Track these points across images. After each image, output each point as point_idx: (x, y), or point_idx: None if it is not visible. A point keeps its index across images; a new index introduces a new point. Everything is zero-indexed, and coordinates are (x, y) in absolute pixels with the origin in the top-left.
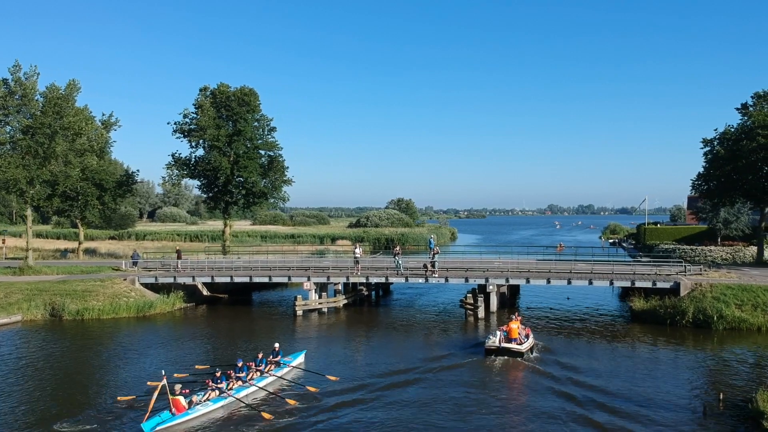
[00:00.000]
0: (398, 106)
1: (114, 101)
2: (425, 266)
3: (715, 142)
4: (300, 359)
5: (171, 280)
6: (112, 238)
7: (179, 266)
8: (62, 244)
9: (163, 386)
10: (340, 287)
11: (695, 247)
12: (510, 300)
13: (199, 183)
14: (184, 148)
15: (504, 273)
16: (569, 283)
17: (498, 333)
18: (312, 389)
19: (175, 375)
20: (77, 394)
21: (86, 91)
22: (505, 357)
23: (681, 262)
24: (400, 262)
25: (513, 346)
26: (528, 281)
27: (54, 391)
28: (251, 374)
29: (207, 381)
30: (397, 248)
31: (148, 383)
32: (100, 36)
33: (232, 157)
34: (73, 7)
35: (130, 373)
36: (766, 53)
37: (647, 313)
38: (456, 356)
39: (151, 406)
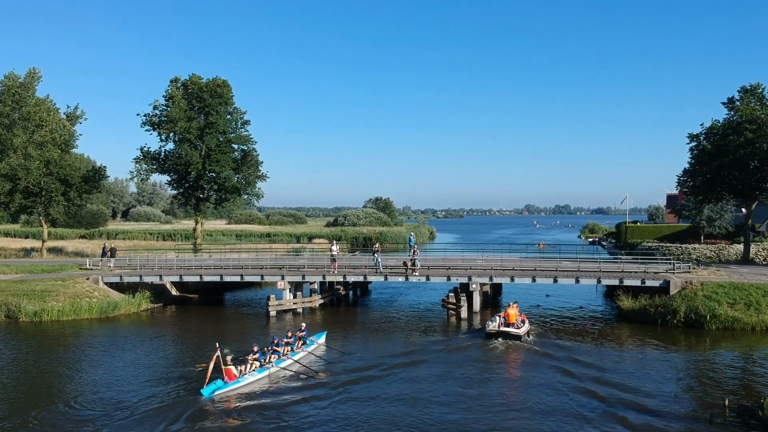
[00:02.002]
0: (377, 106)
1: (93, 98)
2: (405, 264)
3: (702, 138)
4: (322, 339)
5: (137, 279)
6: (82, 237)
7: (111, 264)
8: (30, 244)
9: (218, 357)
10: (316, 287)
11: (679, 245)
12: (493, 299)
13: (169, 178)
14: (153, 141)
15: (487, 271)
16: (555, 281)
17: (497, 318)
18: (323, 375)
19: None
20: (28, 401)
21: (66, 88)
22: (505, 340)
23: (670, 259)
24: (379, 260)
25: (511, 330)
26: (513, 280)
27: (3, 397)
28: (284, 349)
29: (248, 356)
30: (377, 245)
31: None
32: (85, 35)
33: (203, 151)
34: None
35: (88, 378)
36: (740, 53)
37: (636, 313)
38: (458, 341)
39: (208, 374)
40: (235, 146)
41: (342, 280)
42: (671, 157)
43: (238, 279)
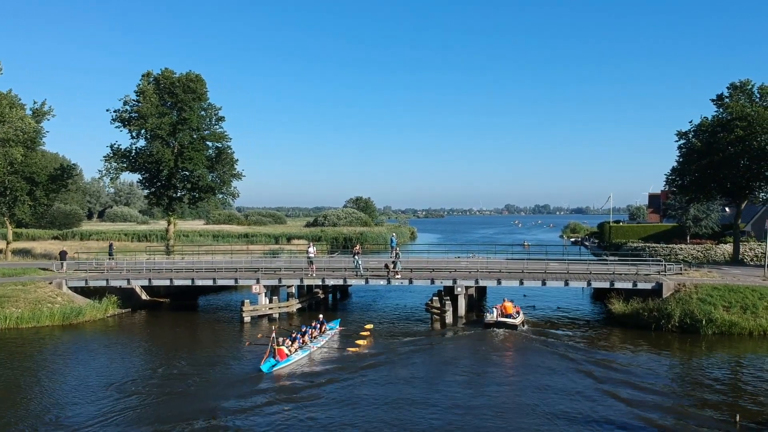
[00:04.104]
0: (358, 106)
1: (79, 97)
2: (386, 266)
3: (691, 135)
4: (338, 325)
5: (103, 283)
6: (55, 238)
7: (63, 268)
8: None
9: (273, 339)
10: (293, 290)
11: (665, 246)
12: (478, 302)
13: (140, 177)
14: (124, 138)
15: (473, 274)
16: (544, 284)
17: (494, 310)
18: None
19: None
20: None
21: (54, 87)
22: (502, 329)
23: (660, 261)
24: (359, 262)
25: (508, 320)
26: (499, 282)
27: None
28: (314, 333)
29: (291, 339)
30: (357, 247)
31: (259, 336)
32: (85, 35)
33: (176, 149)
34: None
35: (42, 389)
36: (722, 53)
37: (629, 317)
38: (457, 331)
39: (267, 353)
40: (210, 144)
41: (321, 283)
42: (650, 157)
43: (210, 283)
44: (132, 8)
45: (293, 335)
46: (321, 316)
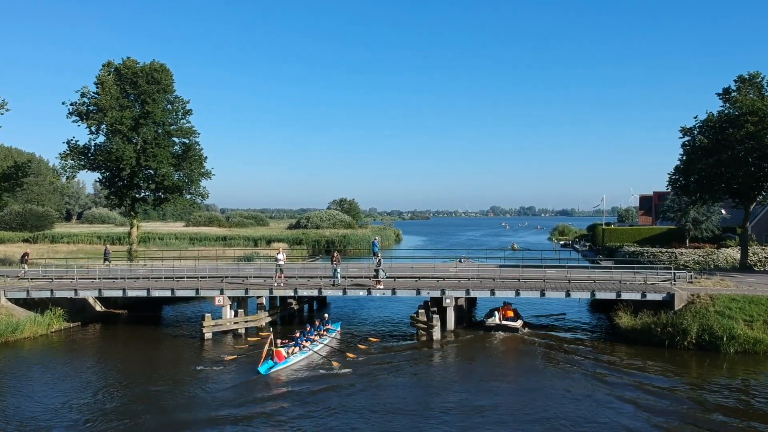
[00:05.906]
0: (344, 107)
1: (63, 95)
2: (375, 274)
3: (696, 132)
4: (338, 327)
5: (48, 294)
6: (25, 240)
7: (23, 273)
8: None
9: (271, 341)
10: (264, 301)
11: (663, 250)
12: (468, 314)
13: (99, 176)
14: (82, 134)
15: (463, 283)
16: (543, 294)
17: (496, 314)
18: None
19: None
20: None
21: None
22: (504, 332)
23: (669, 267)
24: (338, 271)
25: (509, 323)
26: (493, 293)
27: None
28: (316, 335)
29: (286, 341)
30: (336, 255)
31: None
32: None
33: (139, 145)
34: None
35: None
36: (709, 53)
37: (638, 332)
38: (460, 334)
39: (264, 355)
40: (176, 139)
41: (292, 294)
42: (637, 159)
43: (168, 294)
44: (131, 10)
45: (296, 335)
46: (327, 315)
